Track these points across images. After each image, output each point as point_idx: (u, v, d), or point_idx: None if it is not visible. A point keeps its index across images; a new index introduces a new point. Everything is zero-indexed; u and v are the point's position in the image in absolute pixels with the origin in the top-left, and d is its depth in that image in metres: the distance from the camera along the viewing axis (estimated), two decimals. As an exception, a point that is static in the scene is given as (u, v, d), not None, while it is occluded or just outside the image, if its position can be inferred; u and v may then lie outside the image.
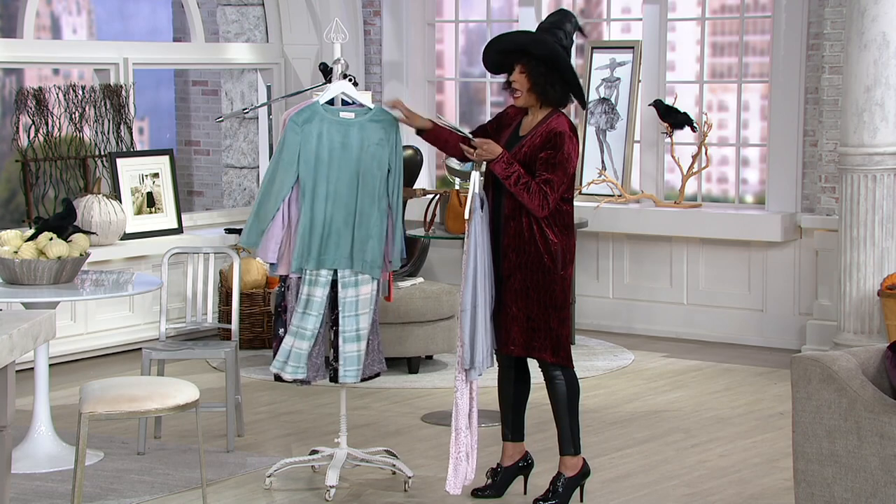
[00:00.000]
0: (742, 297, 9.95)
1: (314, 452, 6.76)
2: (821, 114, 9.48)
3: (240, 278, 7.50)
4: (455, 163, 8.69)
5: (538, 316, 6.19)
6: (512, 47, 6.26)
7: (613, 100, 10.46)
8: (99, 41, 11.08)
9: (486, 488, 6.44)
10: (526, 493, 6.46)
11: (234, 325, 7.43)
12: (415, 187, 9.55)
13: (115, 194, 9.79)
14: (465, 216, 6.17)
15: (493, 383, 6.58)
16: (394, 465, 6.63)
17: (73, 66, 10.39)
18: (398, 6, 11.18)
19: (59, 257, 6.88)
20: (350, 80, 6.56)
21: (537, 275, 6.18)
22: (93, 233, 7.63)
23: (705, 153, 10.07)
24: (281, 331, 6.40)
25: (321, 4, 11.03)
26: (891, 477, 4.99)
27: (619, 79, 10.45)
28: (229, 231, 10.35)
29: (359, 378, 6.41)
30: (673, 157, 10.14)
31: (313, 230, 6.34)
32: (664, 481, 6.72)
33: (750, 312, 9.92)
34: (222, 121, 10.57)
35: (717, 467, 6.96)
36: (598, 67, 10.54)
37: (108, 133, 9.96)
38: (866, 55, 8.59)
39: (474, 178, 6.19)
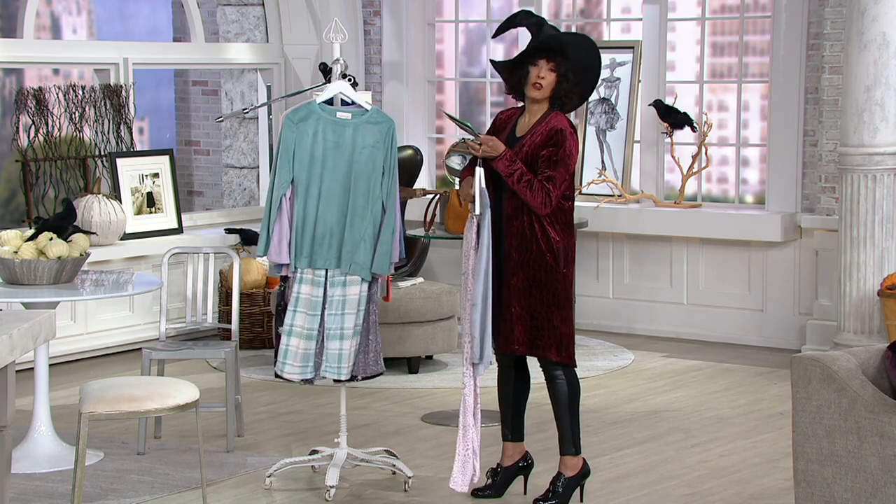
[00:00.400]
0: (742, 297, 9.95)
1: (314, 452, 6.76)
2: (821, 114, 9.48)
3: (240, 278, 7.50)
4: (455, 162, 8.68)
5: (541, 314, 6.19)
6: (557, 46, 6.23)
7: (613, 100, 10.46)
8: (99, 41, 11.08)
9: (486, 488, 6.44)
10: (526, 493, 6.46)
11: (234, 325, 7.43)
12: (415, 187, 9.55)
13: (115, 194, 9.79)
14: (476, 211, 6.12)
15: (493, 383, 6.57)
16: (394, 465, 6.63)
17: (73, 66, 10.39)
18: (398, 6, 11.17)
19: (59, 257, 6.88)
20: (350, 80, 6.54)
21: (540, 273, 6.18)
22: (93, 233, 7.62)
23: (705, 153, 10.07)
24: (280, 329, 6.41)
25: (321, 4, 11.03)
26: (891, 477, 4.99)
27: (619, 79, 10.45)
28: (229, 231, 10.35)
29: (343, 376, 6.38)
30: (673, 157, 10.14)
31: (305, 229, 6.34)
32: (664, 481, 6.72)
33: (750, 312, 9.92)
34: (222, 121, 10.56)
35: (717, 467, 6.96)
36: (598, 67, 10.53)
37: (108, 133, 9.95)
38: (866, 55, 8.58)
39: (479, 173, 6.17)
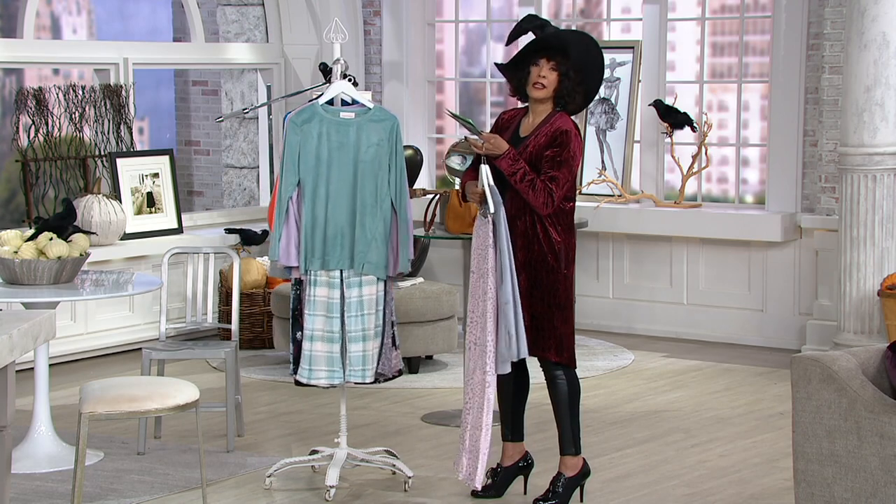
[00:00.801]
0: (742, 297, 9.95)
1: (314, 452, 6.76)
2: (821, 114, 9.48)
3: (240, 278, 7.50)
4: (455, 162, 8.67)
5: (542, 315, 6.18)
6: (557, 44, 6.22)
7: (613, 100, 10.46)
8: (99, 41, 11.08)
9: (486, 488, 6.44)
10: (526, 493, 6.45)
11: (234, 325, 7.43)
12: (415, 187, 9.55)
13: (115, 194, 9.79)
14: (491, 210, 6.08)
15: (493, 383, 6.58)
16: (394, 465, 6.63)
17: (73, 66, 10.39)
18: (398, 6, 11.17)
19: (59, 257, 6.88)
20: (350, 80, 6.54)
21: (541, 273, 6.18)
22: (93, 233, 7.62)
23: (705, 153, 10.07)
24: (298, 334, 6.39)
25: (321, 4, 11.02)
26: (891, 477, 4.99)
27: (619, 79, 10.45)
28: (229, 231, 10.35)
29: (368, 378, 6.39)
30: (673, 157, 10.14)
31: (315, 230, 6.33)
32: (664, 481, 6.72)
33: (750, 312, 9.92)
34: (222, 121, 10.56)
35: (717, 467, 6.95)
36: (598, 67, 10.53)
37: (108, 133, 9.95)
38: (866, 55, 8.58)
39: (484, 171, 6.15)
